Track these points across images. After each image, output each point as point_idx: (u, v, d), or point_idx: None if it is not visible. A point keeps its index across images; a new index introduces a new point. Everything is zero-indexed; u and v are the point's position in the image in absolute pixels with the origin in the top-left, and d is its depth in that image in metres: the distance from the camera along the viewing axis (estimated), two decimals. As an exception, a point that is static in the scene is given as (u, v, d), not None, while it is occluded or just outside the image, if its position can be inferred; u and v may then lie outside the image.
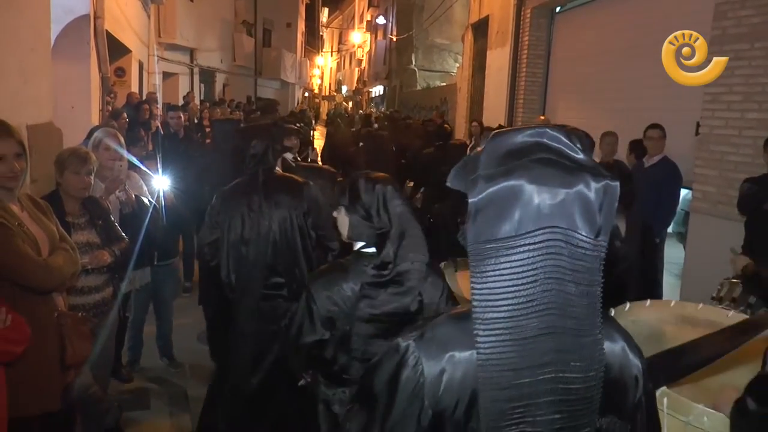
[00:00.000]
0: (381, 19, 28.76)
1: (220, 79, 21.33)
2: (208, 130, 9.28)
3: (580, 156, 1.01)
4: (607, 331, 1.05)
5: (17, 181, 2.28)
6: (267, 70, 25.81)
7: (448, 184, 1.07)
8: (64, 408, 2.41)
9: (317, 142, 14.49)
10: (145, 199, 3.60)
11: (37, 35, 4.14)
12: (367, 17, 33.30)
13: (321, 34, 43.76)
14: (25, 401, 2.20)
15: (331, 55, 49.39)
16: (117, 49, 9.34)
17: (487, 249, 0.98)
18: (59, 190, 2.83)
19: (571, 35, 8.76)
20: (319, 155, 9.94)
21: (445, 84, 20.15)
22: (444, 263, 3.78)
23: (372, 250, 1.96)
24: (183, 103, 12.58)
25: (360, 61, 37.55)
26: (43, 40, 4.31)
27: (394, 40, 25.47)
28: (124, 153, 3.47)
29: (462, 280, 3.33)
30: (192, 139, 6.64)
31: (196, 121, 10.85)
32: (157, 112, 8.77)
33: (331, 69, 51.06)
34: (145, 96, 10.63)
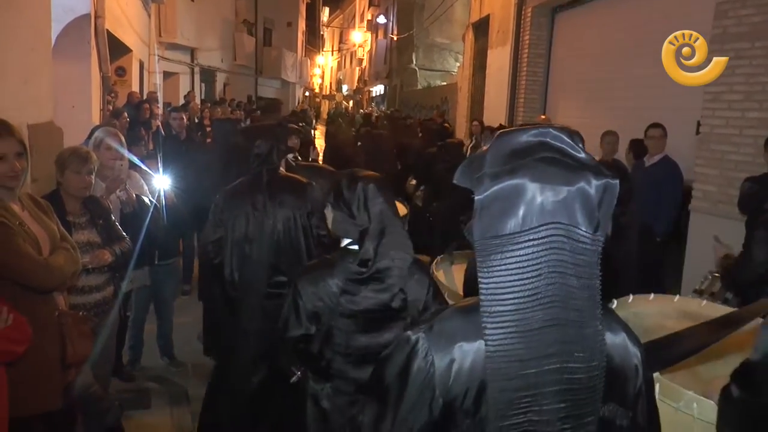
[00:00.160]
0: (381, 19, 28.75)
1: (220, 79, 21.33)
2: (209, 129, 9.30)
3: (582, 155, 1.05)
4: (607, 323, 1.09)
5: (18, 180, 2.28)
6: (268, 69, 25.80)
7: (455, 181, 1.11)
8: (65, 407, 2.42)
9: (317, 142, 14.50)
10: (145, 199, 3.61)
11: (38, 34, 4.14)
12: (368, 16, 33.29)
13: (322, 33, 43.79)
14: (26, 400, 2.21)
15: (332, 54, 49.38)
16: (117, 48, 9.33)
17: (493, 244, 1.02)
18: (60, 190, 2.84)
19: (571, 34, 8.75)
20: (321, 155, 9.95)
21: (445, 83, 20.16)
22: (440, 257, 3.83)
23: (357, 247, 2.00)
24: (183, 102, 12.57)
25: (361, 60, 37.54)
26: (44, 40, 4.31)
27: (395, 39, 25.46)
28: (125, 152, 3.47)
29: (458, 274, 3.38)
30: (194, 140, 6.62)
31: (196, 121, 10.85)
32: (158, 111, 8.78)
33: (331, 68, 51.05)
34: (145, 95, 10.63)
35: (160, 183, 3.89)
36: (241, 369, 2.90)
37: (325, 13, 44.93)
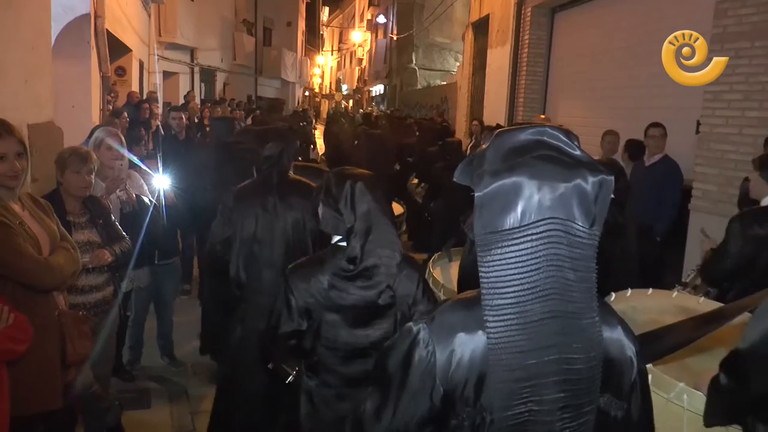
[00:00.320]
0: (381, 18, 28.73)
1: (220, 79, 21.31)
2: (209, 129, 9.29)
3: (577, 152, 1.08)
4: (604, 316, 1.12)
5: (18, 180, 2.28)
6: (267, 69, 25.80)
7: (455, 179, 1.14)
8: (65, 406, 2.42)
9: (317, 142, 14.49)
10: (145, 199, 3.61)
11: (38, 34, 4.14)
12: (368, 16, 33.26)
13: (321, 33, 43.78)
14: (27, 400, 2.21)
15: (332, 54, 49.36)
16: (117, 48, 9.33)
17: (493, 239, 1.05)
18: (60, 190, 2.84)
19: (571, 34, 8.75)
20: (321, 154, 9.95)
21: (445, 83, 20.15)
22: (437, 254, 3.86)
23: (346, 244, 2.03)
24: (183, 102, 12.56)
25: (360, 60, 37.52)
26: (44, 39, 4.31)
27: (395, 39, 25.44)
28: (125, 152, 3.47)
29: (455, 271, 3.44)
30: (192, 140, 6.61)
31: (196, 121, 10.84)
32: (158, 111, 8.77)
33: (331, 68, 51.03)
34: (145, 95, 10.63)
35: (160, 183, 3.89)
36: (246, 369, 2.90)
37: (324, 13, 44.93)
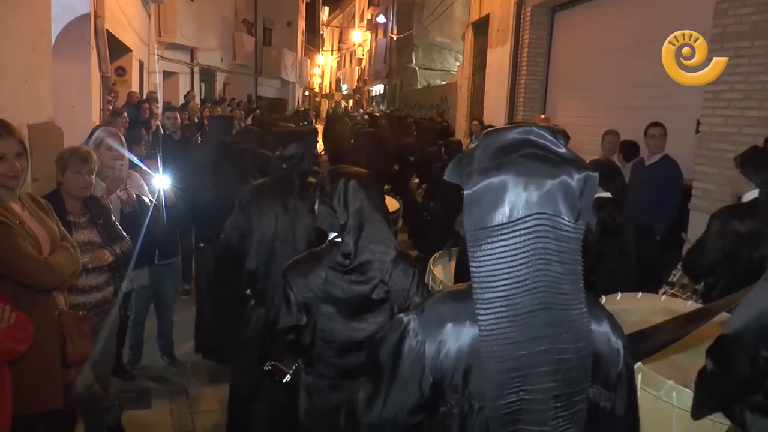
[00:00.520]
0: (381, 18, 28.72)
1: (220, 78, 21.30)
2: (208, 129, 9.28)
3: (563, 150, 1.12)
4: (592, 310, 1.15)
5: (18, 180, 2.28)
6: (267, 69, 25.80)
7: (445, 178, 1.17)
8: (65, 406, 2.42)
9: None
10: (145, 199, 3.61)
11: (38, 34, 4.14)
12: (368, 16, 33.25)
13: (321, 32, 43.77)
14: (27, 399, 2.21)
15: (332, 53, 49.35)
16: (117, 48, 9.33)
17: (483, 235, 1.09)
18: (60, 190, 2.84)
19: (571, 34, 8.75)
20: (322, 152, 9.94)
21: (445, 83, 20.14)
22: (438, 253, 3.87)
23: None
24: (183, 102, 12.56)
25: (360, 59, 37.51)
26: (44, 39, 4.31)
27: (395, 38, 25.44)
28: (125, 152, 3.47)
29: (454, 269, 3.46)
30: (188, 140, 6.55)
31: (196, 121, 10.84)
32: (158, 111, 8.76)
33: (331, 68, 51.02)
34: (145, 95, 10.62)
35: (160, 183, 3.89)
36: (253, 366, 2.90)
37: (324, 13, 44.91)
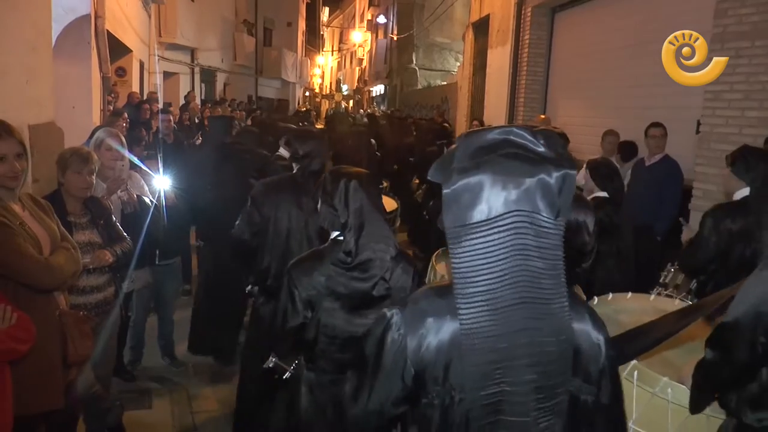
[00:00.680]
0: (382, 18, 28.73)
1: (220, 79, 21.30)
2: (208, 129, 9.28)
3: (542, 149, 1.14)
4: (573, 305, 1.18)
5: (18, 180, 2.29)
6: (268, 69, 25.80)
7: (429, 178, 1.20)
8: (66, 406, 2.42)
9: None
10: (146, 199, 3.61)
11: (39, 35, 4.14)
12: (368, 16, 33.26)
13: (322, 33, 43.77)
14: (28, 399, 2.22)
15: (332, 54, 49.36)
16: (118, 48, 9.34)
17: (462, 232, 1.12)
18: (61, 190, 2.84)
19: (571, 34, 8.75)
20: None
21: (445, 83, 20.14)
22: (441, 250, 3.88)
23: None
24: (183, 102, 12.56)
25: (361, 60, 37.51)
26: (45, 40, 4.31)
27: (395, 39, 25.45)
28: (126, 153, 3.47)
29: None
30: (181, 142, 6.42)
31: (197, 121, 10.84)
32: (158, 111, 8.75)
33: (331, 68, 51.03)
34: (145, 96, 10.63)
35: (161, 183, 3.90)
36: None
37: (325, 13, 44.91)
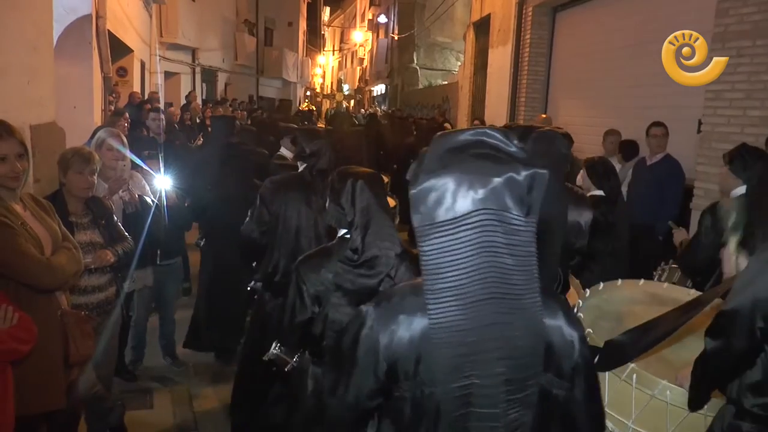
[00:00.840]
0: (382, 18, 28.72)
1: (222, 79, 21.30)
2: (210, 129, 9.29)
3: (513, 149, 1.16)
4: (547, 302, 1.20)
5: (19, 181, 2.29)
6: (269, 69, 25.80)
7: (407, 178, 1.21)
8: (68, 406, 2.43)
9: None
10: (147, 199, 3.61)
11: (40, 35, 4.15)
12: (369, 16, 33.23)
13: (323, 33, 43.75)
14: (30, 399, 2.22)
15: (333, 53, 49.35)
16: (119, 48, 9.34)
17: (430, 231, 1.14)
18: (62, 190, 2.85)
19: (572, 33, 8.74)
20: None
21: (446, 82, 20.11)
22: None
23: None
24: (185, 102, 12.58)
25: (362, 59, 37.50)
26: (46, 40, 4.32)
27: (396, 38, 25.43)
28: (127, 153, 3.48)
29: None
30: (172, 143, 6.21)
31: (198, 121, 10.85)
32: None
33: (332, 68, 51.02)
34: (147, 96, 10.63)
35: (162, 183, 3.90)
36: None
37: (326, 13, 44.89)
